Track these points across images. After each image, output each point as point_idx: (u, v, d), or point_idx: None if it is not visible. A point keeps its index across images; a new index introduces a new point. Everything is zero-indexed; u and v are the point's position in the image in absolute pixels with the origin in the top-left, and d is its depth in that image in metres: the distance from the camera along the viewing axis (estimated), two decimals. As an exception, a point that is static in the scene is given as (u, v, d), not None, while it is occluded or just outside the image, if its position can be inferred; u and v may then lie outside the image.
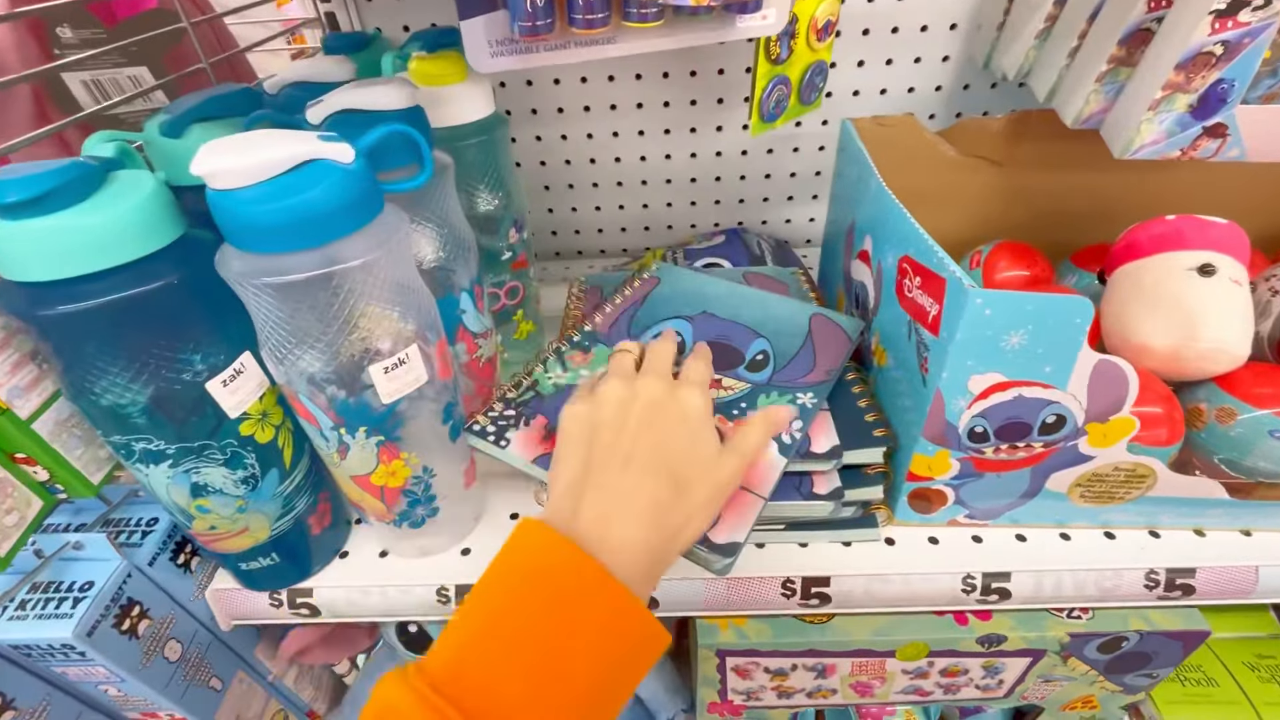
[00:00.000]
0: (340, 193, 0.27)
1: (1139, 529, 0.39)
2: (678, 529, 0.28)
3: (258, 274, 0.27)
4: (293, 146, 0.26)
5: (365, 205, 0.29)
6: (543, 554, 0.25)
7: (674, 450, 0.29)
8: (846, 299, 0.49)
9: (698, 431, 0.30)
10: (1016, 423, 0.34)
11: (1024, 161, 0.52)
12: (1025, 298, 0.29)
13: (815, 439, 0.37)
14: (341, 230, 0.28)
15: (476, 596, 0.25)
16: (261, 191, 0.26)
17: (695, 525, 0.29)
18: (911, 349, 0.36)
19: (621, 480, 0.28)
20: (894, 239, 0.38)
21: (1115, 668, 0.46)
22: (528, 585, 0.25)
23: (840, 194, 0.52)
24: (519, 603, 0.24)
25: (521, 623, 0.24)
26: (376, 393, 0.31)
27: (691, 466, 0.29)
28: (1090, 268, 0.51)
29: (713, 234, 0.69)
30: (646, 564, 0.26)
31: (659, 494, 0.27)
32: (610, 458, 0.28)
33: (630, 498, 0.27)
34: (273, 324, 0.28)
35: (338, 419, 0.31)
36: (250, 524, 0.34)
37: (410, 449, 0.34)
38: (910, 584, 0.38)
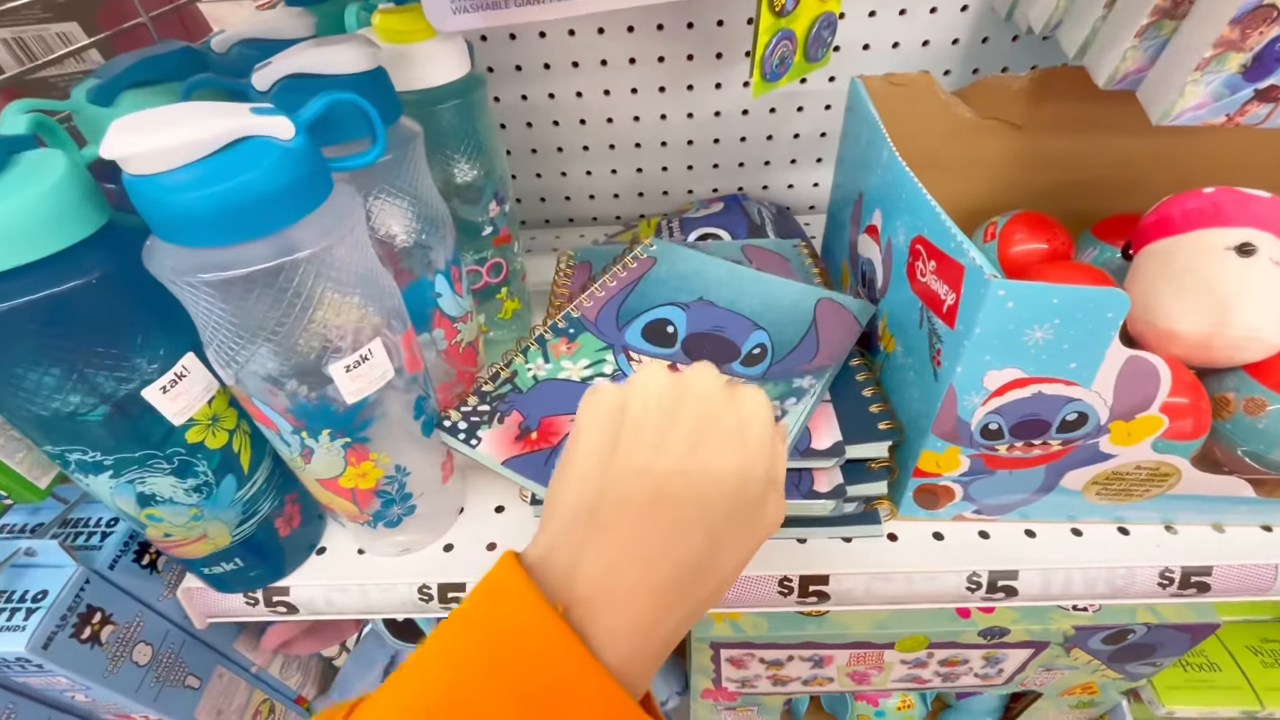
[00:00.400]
0: (279, 175, 0.24)
1: (1155, 524, 0.38)
2: (701, 602, 0.21)
3: (189, 270, 0.24)
4: (221, 122, 0.23)
5: (310, 187, 0.25)
6: (519, 622, 0.19)
7: (722, 488, 0.22)
8: (852, 275, 0.46)
9: (754, 460, 0.22)
10: (1034, 420, 0.31)
11: (1046, 124, 0.48)
12: (1052, 290, 0.26)
13: (816, 434, 0.35)
14: (283, 218, 0.24)
15: (431, 658, 0.19)
16: (186, 177, 0.22)
17: (720, 593, 0.22)
18: (923, 338, 0.33)
19: (644, 524, 0.21)
20: (906, 216, 0.35)
21: (1119, 657, 0.44)
22: (494, 662, 0.19)
23: (847, 158, 0.48)
24: (480, 685, 0.18)
25: (478, 713, 0.18)
26: (339, 392, 0.29)
27: (737, 513, 0.22)
28: (1113, 240, 0.48)
29: (710, 201, 0.65)
30: (654, 650, 0.20)
31: (690, 554, 0.21)
32: (635, 483, 0.21)
33: (650, 556, 0.20)
34: (214, 324, 0.26)
35: (297, 422, 0.29)
36: (209, 531, 0.32)
37: (380, 449, 0.32)
38: (913, 582, 0.37)
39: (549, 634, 0.19)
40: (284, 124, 0.24)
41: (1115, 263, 0.47)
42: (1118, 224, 0.49)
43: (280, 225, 0.25)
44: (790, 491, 0.35)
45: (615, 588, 0.20)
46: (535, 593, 0.19)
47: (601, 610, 0.20)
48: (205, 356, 0.28)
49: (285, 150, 0.24)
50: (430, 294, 0.37)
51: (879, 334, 0.40)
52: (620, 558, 0.20)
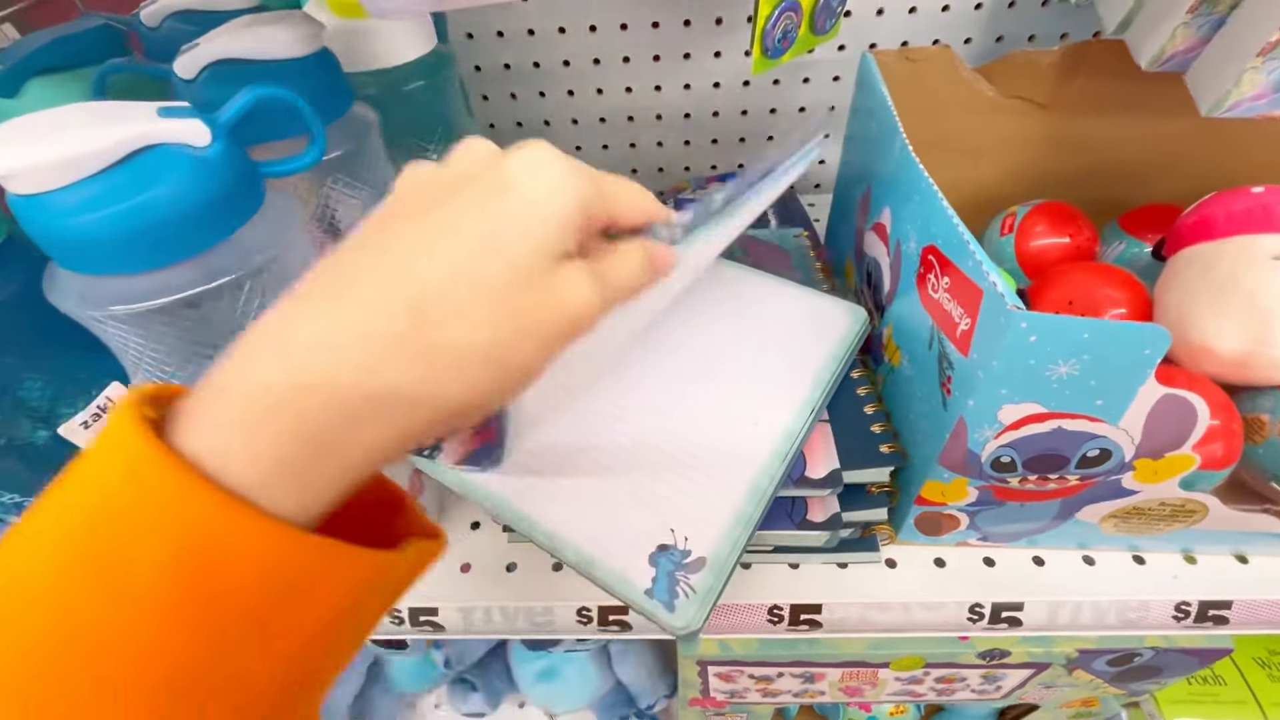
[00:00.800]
0: (192, 189, 0.21)
1: (1173, 553, 0.35)
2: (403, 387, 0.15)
3: (95, 303, 0.21)
4: (120, 130, 0.20)
5: (234, 200, 0.22)
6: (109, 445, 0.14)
7: (456, 245, 0.16)
8: (857, 272, 0.43)
9: (520, 221, 0.16)
10: (1051, 455, 0.28)
11: (1074, 104, 0.44)
12: (1083, 324, 0.23)
13: (812, 459, 0.32)
14: (201, 238, 0.21)
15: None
16: (78, 196, 0.19)
17: (468, 397, 0.16)
18: (932, 360, 0.30)
19: (354, 285, 0.15)
20: (918, 220, 0.31)
21: (1123, 678, 0.43)
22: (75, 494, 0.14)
23: (857, 136, 0.44)
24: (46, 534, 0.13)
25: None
26: None
27: (482, 284, 0.15)
28: (1141, 234, 0.44)
29: (708, 180, 0.61)
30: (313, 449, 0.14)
31: (386, 323, 0.15)
32: (366, 243, 0.16)
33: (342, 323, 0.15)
34: (132, 356, 0.23)
35: None
36: None
37: None
38: (911, 611, 0.34)
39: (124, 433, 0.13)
40: (197, 129, 0.21)
41: (1142, 260, 0.43)
42: (1147, 216, 0.45)
43: (199, 247, 0.21)
44: (782, 521, 0.32)
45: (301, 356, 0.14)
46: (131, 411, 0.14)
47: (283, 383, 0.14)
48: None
49: (199, 160, 0.21)
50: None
51: (884, 343, 0.37)
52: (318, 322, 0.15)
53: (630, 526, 0.28)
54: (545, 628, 0.36)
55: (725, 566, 0.27)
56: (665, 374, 0.34)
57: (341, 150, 0.29)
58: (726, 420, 0.32)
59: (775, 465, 0.30)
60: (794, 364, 0.35)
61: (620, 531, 0.28)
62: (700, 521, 0.28)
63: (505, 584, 0.36)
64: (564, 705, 0.56)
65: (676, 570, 0.27)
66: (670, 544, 0.28)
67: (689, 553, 0.27)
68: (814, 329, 0.37)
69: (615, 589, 0.27)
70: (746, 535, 0.28)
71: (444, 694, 0.59)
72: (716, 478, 0.30)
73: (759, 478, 0.30)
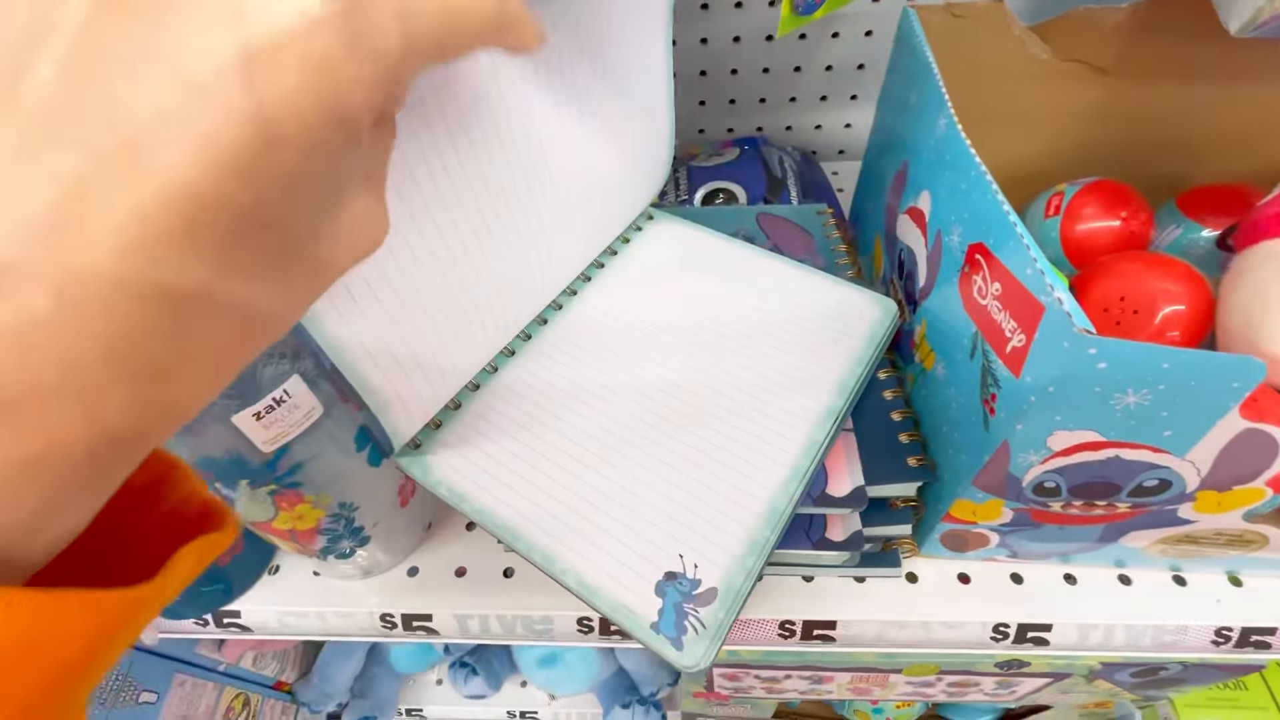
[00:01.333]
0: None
1: (1217, 574, 0.33)
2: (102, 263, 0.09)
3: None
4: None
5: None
6: None
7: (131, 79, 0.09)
8: (886, 257, 0.39)
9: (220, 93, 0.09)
10: (1103, 483, 0.25)
11: (1140, 69, 0.39)
12: (1161, 353, 0.20)
13: (834, 474, 0.30)
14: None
15: None
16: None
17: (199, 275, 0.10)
18: (973, 373, 0.27)
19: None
20: (965, 211, 0.28)
21: (1145, 687, 0.41)
22: None
23: (893, 100, 0.39)
24: None
25: None
26: (251, 443, 0.23)
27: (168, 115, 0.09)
28: (1201, 216, 0.40)
29: (724, 145, 0.56)
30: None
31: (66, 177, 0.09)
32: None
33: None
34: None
35: (204, 474, 0.24)
36: None
37: (317, 490, 0.27)
38: (931, 630, 0.32)
39: None
40: None
41: (1200, 247, 0.40)
42: (1209, 197, 0.41)
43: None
44: (799, 539, 0.30)
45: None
46: None
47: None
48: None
49: None
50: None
51: (915, 340, 0.34)
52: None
53: (636, 550, 0.26)
54: (544, 635, 0.35)
55: (738, 598, 0.25)
56: (675, 378, 0.32)
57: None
58: (742, 433, 0.29)
59: (794, 483, 0.28)
60: (817, 367, 0.32)
61: (625, 556, 0.26)
62: (712, 546, 0.26)
63: (502, 591, 0.34)
64: (566, 689, 0.56)
65: (685, 602, 0.25)
66: (679, 571, 0.25)
67: (699, 582, 0.25)
68: (839, 326, 0.34)
69: (618, 620, 0.25)
70: (761, 562, 0.26)
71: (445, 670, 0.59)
72: (730, 498, 0.27)
73: (776, 497, 0.27)
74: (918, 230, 0.33)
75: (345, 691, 0.55)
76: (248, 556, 0.34)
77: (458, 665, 0.56)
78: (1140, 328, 0.33)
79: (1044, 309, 0.22)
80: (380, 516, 0.31)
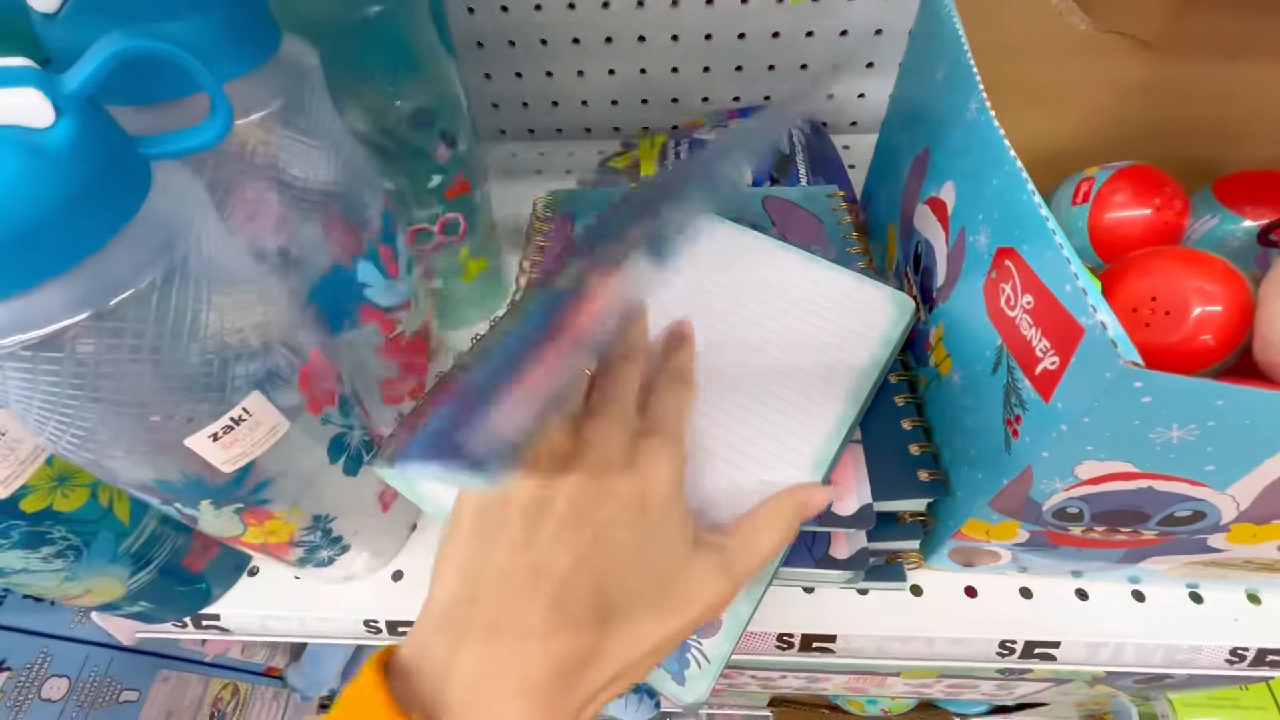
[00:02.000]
0: (30, 190, 0.15)
1: (1235, 591, 0.31)
2: (595, 695, 0.18)
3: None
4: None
5: (98, 201, 0.16)
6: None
7: (612, 566, 0.19)
8: (900, 248, 0.37)
9: (657, 531, 0.20)
10: (1131, 512, 0.24)
11: (1187, 43, 0.36)
12: (1215, 390, 0.18)
13: (840, 491, 0.28)
14: (50, 259, 0.16)
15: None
16: None
17: (625, 684, 0.19)
18: (995, 389, 0.25)
19: (523, 607, 0.18)
20: (995, 211, 0.25)
21: (1145, 690, 0.40)
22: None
23: (914, 73, 0.36)
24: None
25: None
26: (210, 463, 0.22)
27: (638, 593, 0.19)
28: (1239, 206, 0.38)
29: (730, 115, 0.53)
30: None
31: (574, 645, 0.18)
32: (515, 560, 0.19)
33: (526, 653, 0.18)
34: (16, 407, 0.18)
35: (164, 496, 0.22)
36: (93, 586, 0.27)
37: (288, 504, 0.25)
38: (934, 645, 0.31)
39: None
40: (33, 101, 0.15)
41: (1236, 240, 0.37)
42: (1247, 185, 0.38)
43: (48, 271, 0.16)
44: (801, 557, 0.28)
45: (489, 689, 0.17)
46: (388, 706, 0.16)
47: (478, 708, 0.17)
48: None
49: (38, 148, 0.15)
50: (353, 286, 0.29)
51: (929, 343, 0.32)
52: (497, 654, 0.18)
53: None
54: (534, 642, 0.33)
55: (740, 628, 0.24)
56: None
57: (270, 108, 0.23)
58: (745, 451, 0.27)
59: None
60: (828, 373, 0.30)
61: None
62: None
63: (490, 598, 0.33)
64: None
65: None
66: None
67: None
68: (852, 326, 0.31)
69: None
70: (764, 590, 0.24)
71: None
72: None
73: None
74: (938, 224, 0.31)
75: (336, 676, 0.54)
76: (224, 558, 0.32)
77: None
78: (1172, 330, 0.30)
79: (1084, 331, 0.19)
80: (360, 524, 0.30)
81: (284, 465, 0.24)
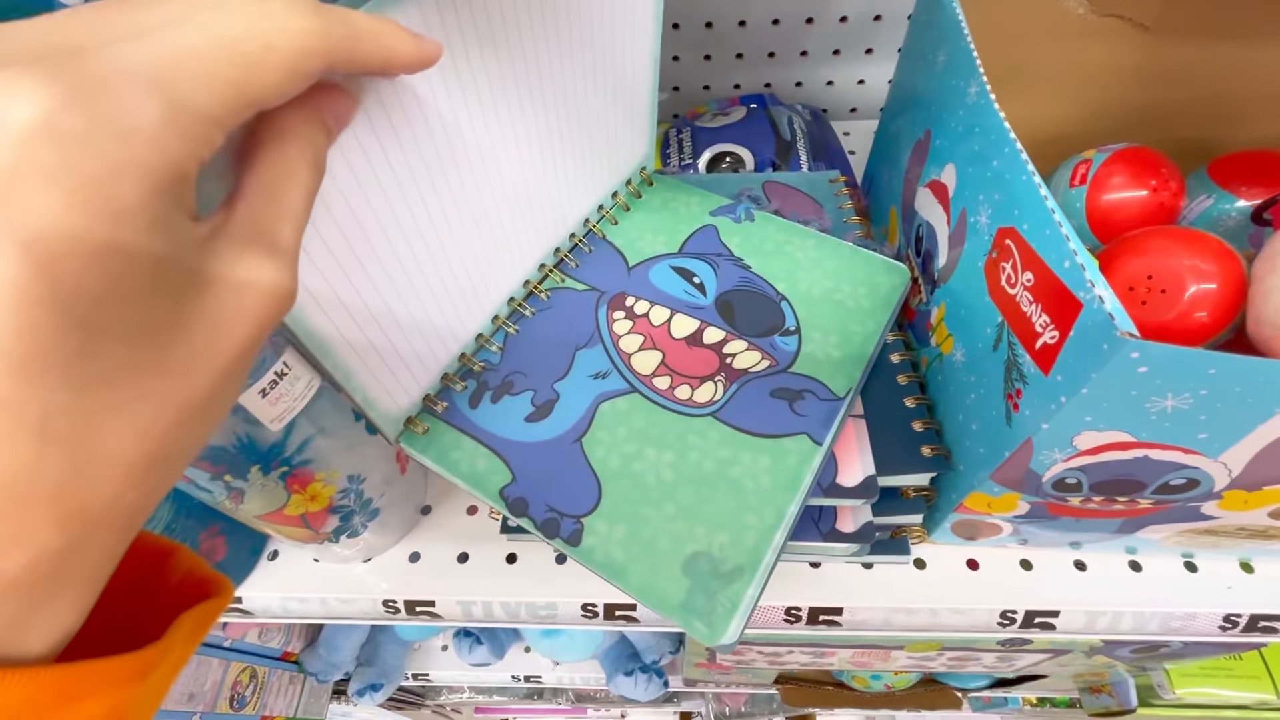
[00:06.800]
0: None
1: (1229, 560, 0.32)
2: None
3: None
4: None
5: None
6: None
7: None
8: (902, 231, 0.37)
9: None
10: (1127, 481, 0.25)
11: (1183, 26, 0.37)
12: (1208, 359, 0.18)
13: (844, 463, 0.29)
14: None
15: None
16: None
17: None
18: (996, 365, 0.26)
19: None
20: (994, 192, 0.26)
21: (1142, 660, 0.42)
22: None
23: (915, 58, 0.37)
24: None
25: None
26: (260, 422, 0.22)
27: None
28: (1233, 186, 0.38)
29: (730, 104, 0.53)
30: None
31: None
32: None
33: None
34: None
35: (215, 468, 0.23)
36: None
37: (325, 466, 0.26)
38: (938, 616, 0.32)
39: None
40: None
41: (1232, 218, 0.38)
42: (1242, 165, 0.39)
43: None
44: (808, 531, 0.29)
45: None
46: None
47: None
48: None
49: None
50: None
51: (931, 323, 0.33)
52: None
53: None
54: (548, 620, 0.34)
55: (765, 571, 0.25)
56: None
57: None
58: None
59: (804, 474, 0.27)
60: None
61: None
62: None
63: (505, 577, 0.34)
64: (569, 656, 0.57)
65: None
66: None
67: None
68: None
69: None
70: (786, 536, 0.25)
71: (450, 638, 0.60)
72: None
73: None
74: (939, 206, 0.31)
75: (351, 660, 0.56)
76: (233, 556, 0.33)
77: (462, 635, 0.57)
78: (1167, 308, 0.31)
79: (1082, 306, 0.20)
80: (386, 487, 0.31)
81: (321, 423, 0.25)
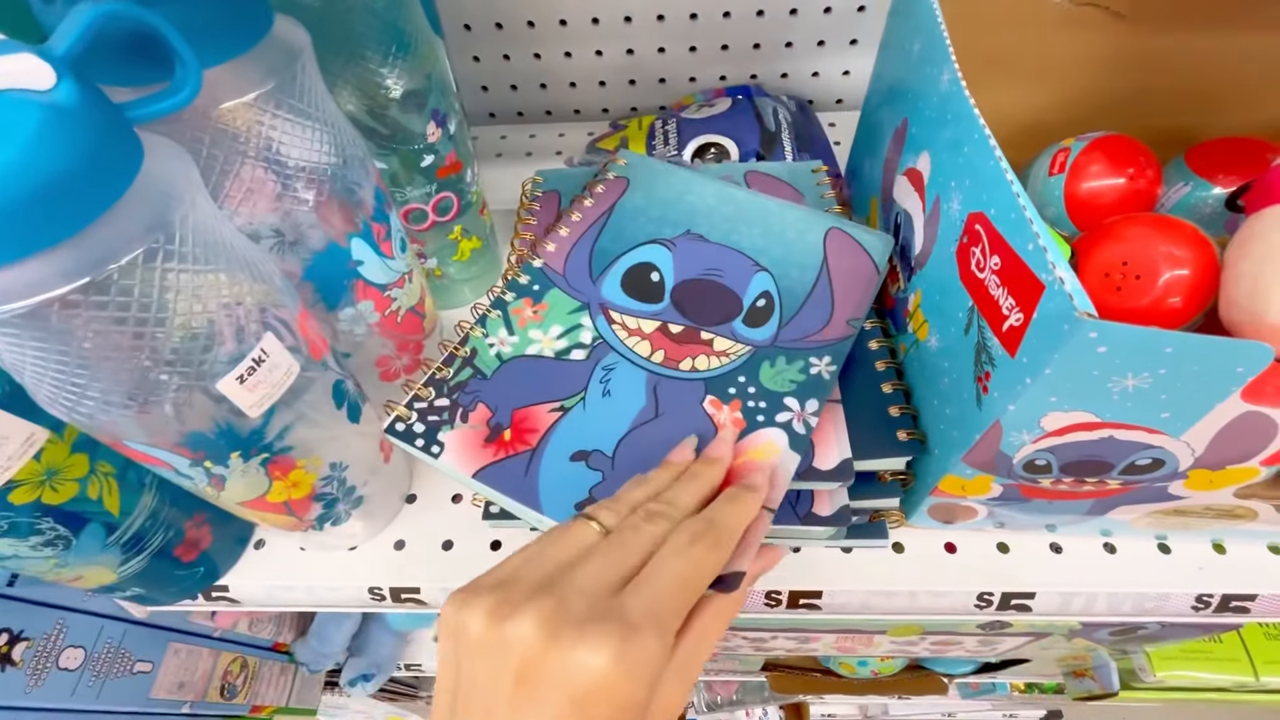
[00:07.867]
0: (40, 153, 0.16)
1: (1201, 542, 0.33)
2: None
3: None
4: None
5: (102, 163, 0.17)
6: None
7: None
8: (882, 220, 0.38)
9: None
10: (1095, 461, 0.25)
11: (1160, 15, 0.37)
12: (1163, 338, 0.19)
13: (821, 446, 0.29)
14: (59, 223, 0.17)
15: None
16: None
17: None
18: (967, 349, 0.26)
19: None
20: (965, 178, 0.26)
21: (1122, 642, 0.42)
22: None
23: (894, 48, 0.37)
24: None
25: None
26: (239, 409, 0.23)
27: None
28: (1210, 174, 0.39)
29: (715, 95, 0.54)
30: None
31: None
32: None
33: None
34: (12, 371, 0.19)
35: (195, 454, 0.23)
36: (85, 573, 0.28)
37: (307, 453, 0.27)
38: (916, 598, 0.33)
39: None
40: (31, 65, 0.16)
41: (1208, 206, 0.38)
42: (1218, 152, 0.39)
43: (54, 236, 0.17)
44: (786, 515, 0.29)
45: None
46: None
47: None
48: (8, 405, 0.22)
49: (47, 108, 0.16)
50: (346, 263, 0.30)
51: (909, 309, 0.33)
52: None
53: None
54: (532, 606, 0.35)
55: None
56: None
57: (269, 84, 0.24)
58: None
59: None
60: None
61: None
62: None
63: (490, 563, 0.34)
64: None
65: None
66: None
67: None
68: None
69: None
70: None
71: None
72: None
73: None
74: (915, 194, 0.32)
75: (342, 651, 0.56)
76: (219, 545, 0.33)
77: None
78: (1142, 293, 0.32)
79: (1044, 288, 0.21)
80: (369, 475, 0.31)
81: (300, 410, 0.25)
